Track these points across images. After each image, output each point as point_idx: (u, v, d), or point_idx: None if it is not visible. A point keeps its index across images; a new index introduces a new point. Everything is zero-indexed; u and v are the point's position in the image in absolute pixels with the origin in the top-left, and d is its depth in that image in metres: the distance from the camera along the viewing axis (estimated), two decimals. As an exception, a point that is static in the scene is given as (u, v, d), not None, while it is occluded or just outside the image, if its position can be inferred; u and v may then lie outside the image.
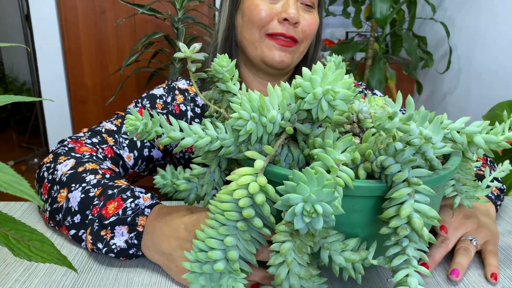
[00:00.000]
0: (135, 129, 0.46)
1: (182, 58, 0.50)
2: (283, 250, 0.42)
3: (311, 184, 0.37)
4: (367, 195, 0.43)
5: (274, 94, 0.45)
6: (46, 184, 0.67)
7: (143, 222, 0.57)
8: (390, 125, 0.42)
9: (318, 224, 0.37)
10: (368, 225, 0.45)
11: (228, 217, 0.43)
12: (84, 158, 0.69)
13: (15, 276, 0.55)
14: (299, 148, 0.48)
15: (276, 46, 0.78)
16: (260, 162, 0.43)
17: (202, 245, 0.44)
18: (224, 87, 0.52)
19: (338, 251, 0.45)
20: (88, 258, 0.60)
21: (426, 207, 0.42)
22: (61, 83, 2.28)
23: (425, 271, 0.43)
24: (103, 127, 0.77)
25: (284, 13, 0.77)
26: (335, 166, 0.41)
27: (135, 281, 0.55)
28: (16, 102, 0.48)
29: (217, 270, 0.43)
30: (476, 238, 0.61)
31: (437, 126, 0.43)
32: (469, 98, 2.14)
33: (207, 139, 0.47)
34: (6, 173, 0.27)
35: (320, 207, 0.36)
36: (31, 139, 3.34)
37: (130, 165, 0.77)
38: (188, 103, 0.84)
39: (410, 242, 0.43)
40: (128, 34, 2.27)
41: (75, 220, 0.61)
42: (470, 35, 2.13)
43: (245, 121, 0.44)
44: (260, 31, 0.79)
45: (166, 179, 0.59)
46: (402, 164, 0.42)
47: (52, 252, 0.35)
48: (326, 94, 0.41)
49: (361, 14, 2.32)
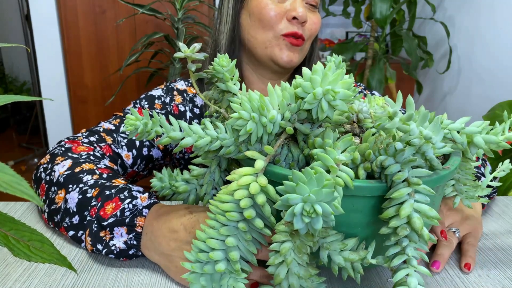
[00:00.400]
0: (135, 129, 0.46)
1: (182, 58, 0.50)
2: (283, 250, 0.42)
3: (310, 184, 0.37)
4: (367, 195, 0.43)
5: (274, 94, 0.45)
6: (43, 185, 0.67)
7: (142, 222, 0.57)
8: (390, 125, 0.42)
9: (317, 224, 0.37)
10: (368, 225, 0.45)
11: (229, 218, 0.43)
12: (81, 159, 0.68)
13: (15, 276, 0.55)
14: (299, 148, 0.48)
15: (288, 45, 0.79)
16: (261, 162, 0.43)
17: (203, 245, 0.44)
18: (224, 87, 0.52)
19: (337, 251, 0.45)
20: (88, 258, 0.60)
21: (426, 207, 0.42)
22: (61, 83, 2.28)
23: (425, 271, 0.43)
24: (101, 127, 0.77)
25: (293, 12, 0.78)
26: (335, 166, 0.41)
27: (135, 281, 0.55)
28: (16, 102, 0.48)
29: (218, 271, 0.43)
30: (459, 230, 0.62)
31: (437, 126, 0.43)
32: (469, 98, 2.14)
33: (207, 139, 0.47)
34: (6, 173, 0.26)
35: (319, 207, 0.36)
36: (31, 139, 3.34)
37: (128, 164, 0.77)
38: (187, 104, 0.84)
39: (410, 242, 0.43)
40: (128, 34, 2.27)
41: (73, 221, 0.61)
42: (470, 35, 2.13)
43: (245, 121, 0.44)
44: (272, 30, 0.79)
45: (163, 181, 0.58)
46: (402, 164, 0.42)
47: (52, 252, 0.35)
48: (326, 94, 0.41)
49: (361, 14, 2.32)
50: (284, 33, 0.79)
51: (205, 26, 1.91)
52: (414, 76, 2.11)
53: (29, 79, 3.36)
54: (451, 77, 2.28)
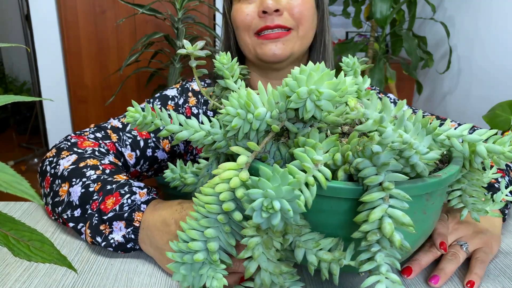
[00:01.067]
0: (134, 121, 0.48)
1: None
2: (250, 244, 0.43)
3: (274, 180, 0.37)
4: (345, 197, 0.43)
5: (264, 91, 0.45)
6: (48, 178, 0.69)
7: (140, 217, 0.59)
8: (362, 127, 0.41)
9: (275, 220, 0.37)
10: (348, 227, 0.44)
11: (209, 210, 0.44)
12: (86, 154, 0.70)
13: (15, 276, 0.55)
14: (288, 146, 0.48)
15: (265, 42, 0.76)
16: (243, 157, 0.44)
17: (184, 236, 0.45)
18: (223, 83, 0.55)
19: (312, 250, 0.45)
20: (88, 258, 0.60)
21: (400, 213, 0.40)
22: (61, 83, 2.28)
23: (396, 279, 0.41)
24: (110, 123, 0.78)
25: (261, 6, 0.75)
26: (309, 166, 0.41)
27: (135, 281, 0.55)
28: (16, 102, 0.48)
29: (196, 260, 0.45)
30: (468, 244, 0.58)
31: (418, 130, 0.41)
32: (469, 98, 2.14)
33: (202, 133, 0.49)
34: (6, 173, 0.27)
35: (278, 204, 0.37)
36: (31, 139, 3.33)
37: (131, 164, 0.78)
38: (200, 106, 0.84)
39: (381, 248, 0.41)
40: (128, 34, 2.27)
41: (75, 214, 0.63)
42: (470, 35, 2.13)
43: (232, 117, 0.45)
44: (248, 32, 0.78)
45: (175, 173, 0.61)
46: (379, 167, 0.41)
47: (52, 252, 0.35)
48: (311, 94, 0.41)
49: (361, 14, 2.31)
50: (256, 30, 0.76)
51: (205, 26, 1.91)
52: (414, 76, 2.11)
53: (29, 79, 3.36)
54: (451, 77, 2.28)
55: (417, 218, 0.45)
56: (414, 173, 0.43)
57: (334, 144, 0.44)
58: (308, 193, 0.40)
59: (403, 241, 0.41)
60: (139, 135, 0.78)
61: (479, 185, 0.52)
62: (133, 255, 0.61)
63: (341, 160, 0.43)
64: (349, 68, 0.58)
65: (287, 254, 0.47)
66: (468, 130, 0.46)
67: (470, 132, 0.72)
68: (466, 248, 0.58)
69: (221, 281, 0.45)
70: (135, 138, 0.78)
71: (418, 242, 0.50)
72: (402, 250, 0.42)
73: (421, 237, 0.49)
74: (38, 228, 0.67)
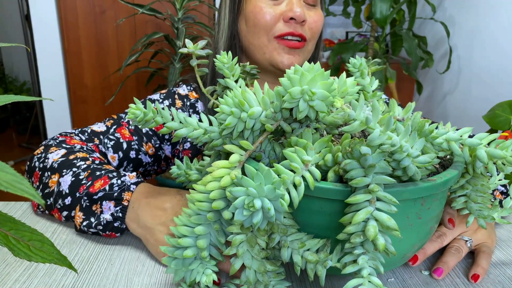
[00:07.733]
0: (135, 117, 0.49)
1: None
2: (234, 241, 0.44)
3: (257, 179, 0.38)
4: (333, 198, 0.42)
5: (260, 91, 0.46)
6: (37, 172, 0.69)
7: (129, 197, 0.61)
8: (348, 128, 0.40)
9: (255, 218, 0.38)
10: (336, 228, 0.44)
11: (200, 208, 0.45)
12: (75, 149, 0.71)
13: (15, 276, 0.55)
14: (283, 146, 0.48)
15: (286, 49, 0.77)
16: (236, 156, 0.44)
17: (176, 231, 0.46)
18: (223, 82, 0.55)
19: (297, 250, 0.45)
20: (88, 258, 0.60)
21: (385, 216, 0.40)
22: (61, 83, 2.28)
23: (378, 283, 0.40)
24: (90, 128, 0.79)
25: (290, 12, 0.75)
26: (297, 166, 0.41)
27: (135, 282, 0.55)
28: (16, 102, 0.48)
29: (185, 257, 0.45)
30: (472, 239, 0.60)
31: (408, 132, 0.40)
32: (469, 98, 2.14)
33: (200, 130, 0.49)
34: (6, 173, 0.27)
35: (258, 202, 0.37)
36: (31, 139, 3.33)
37: (114, 166, 0.78)
38: (186, 109, 0.84)
39: (364, 251, 0.41)
40: (128, 34, 2.27)
41: (66, 202, 0.63)
42: (470, 35, 2.13)
43: (226, 116, 0.45)
44: (267, 34, 0.77)
45: (181, 169, 0.62)
46: (366, 169, 0.40)
47: (52, 252, 0.35)
48: (304, 94, 0.40)
49: (361, 14, 2.31)
50: (278, 34, 0.76)
51: (205, 26, 1.91)
52: (414, 76, 2.11)
53: (29, 79, 3.36)
54: (451, 77, 2.28)
55: (410, 223, 0.44)
56: (407, 177, 0.42)
57: (326, 145, 0.44)
58: (294, 193, 0.40)
59: (388, 245, 0.40)
60: (122, 137, 0.78)
61: (484, 191, 0.50)
62: (133, 255, 0.61)
63: (332, 161, 0.43)
64: (356, 69, 0.57)
65: (275, 253, 0.47)
66: (469, 134, 0.45)
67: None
68: (470, 244, 0.60)
69: (211, 276, 0.46)
70: (117, 140, 0.78)
71: (414, 247, 0.48)
72: (388, 254, 0.41)
73: (417, 242, 0.48)
74: (38, 228, 0.67)
